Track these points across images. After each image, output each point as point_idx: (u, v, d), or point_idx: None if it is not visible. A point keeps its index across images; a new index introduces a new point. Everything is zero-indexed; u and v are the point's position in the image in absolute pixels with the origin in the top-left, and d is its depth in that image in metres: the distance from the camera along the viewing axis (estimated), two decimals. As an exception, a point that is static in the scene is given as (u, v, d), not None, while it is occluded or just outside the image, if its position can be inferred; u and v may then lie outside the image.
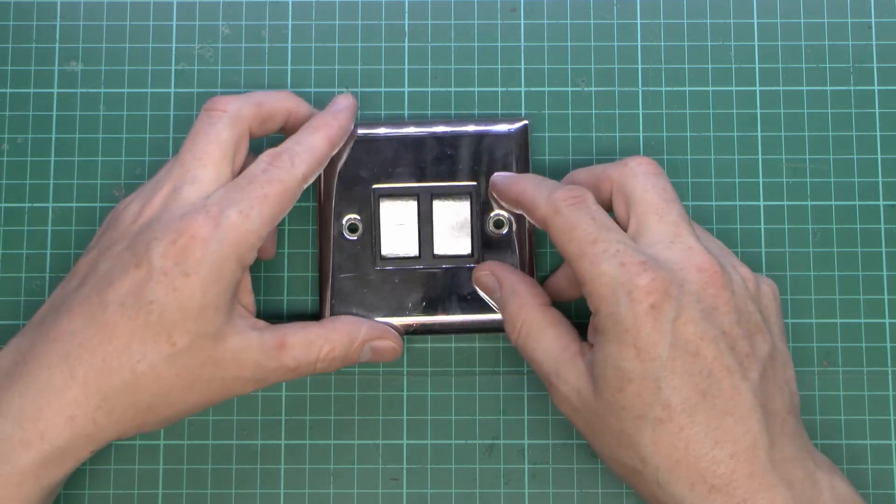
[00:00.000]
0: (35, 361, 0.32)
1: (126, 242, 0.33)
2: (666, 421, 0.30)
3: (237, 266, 0.32)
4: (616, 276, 0.30)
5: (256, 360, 0.33)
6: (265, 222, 0.33)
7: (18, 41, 0.41)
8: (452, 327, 0.38)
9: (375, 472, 0.39)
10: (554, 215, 0.32)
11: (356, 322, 0.36)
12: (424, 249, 0.38)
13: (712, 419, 0.30)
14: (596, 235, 0.31)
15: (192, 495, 0.38)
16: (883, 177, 0.40)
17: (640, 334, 0.30)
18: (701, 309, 0.30)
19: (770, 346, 0.32)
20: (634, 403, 0.30)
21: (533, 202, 0.34)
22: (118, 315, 0.32)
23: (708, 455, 0.30)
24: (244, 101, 0.35)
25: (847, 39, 0.41)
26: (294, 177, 0.34)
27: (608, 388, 0.31)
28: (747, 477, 0.29)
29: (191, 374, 0.32)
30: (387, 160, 0.38)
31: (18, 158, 0.40)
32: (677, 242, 0.32)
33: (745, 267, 0.33)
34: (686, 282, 0.31)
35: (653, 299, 0.30)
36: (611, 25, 0.41)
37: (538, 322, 0.34)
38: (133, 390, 0.32)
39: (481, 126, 0.39)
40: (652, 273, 0.30)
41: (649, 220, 0.32)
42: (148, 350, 0.32)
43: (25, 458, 0.31)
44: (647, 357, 0.30)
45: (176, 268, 0.31)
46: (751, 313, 0.32)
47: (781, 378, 0.32)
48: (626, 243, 0.31)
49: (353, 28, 0.41)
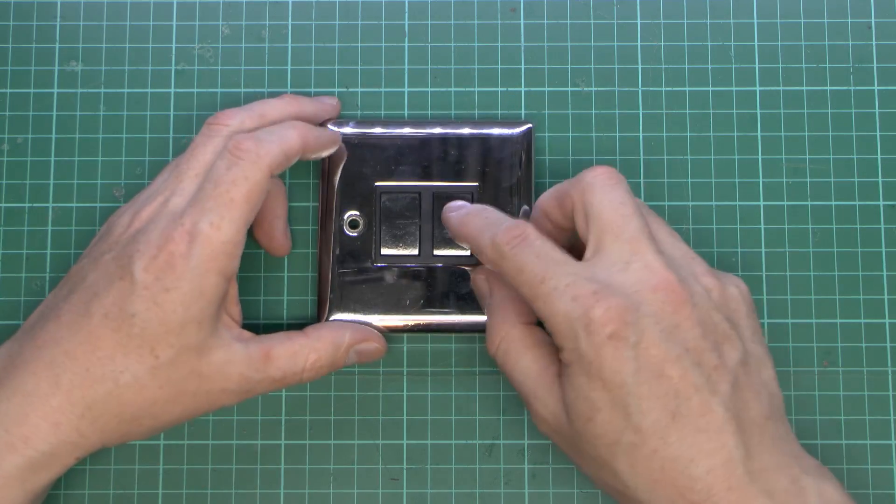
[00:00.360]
0: (22, 367, 0.32)
1: (113, 253, 0.33)
2: (639, 445, 0.30)
3: (219, 279, 0.32)
4: (569, 312, 0.30)
5: (241, 373, 0.33)
6: (238, 228, 0.32)
7: (18, 41, 0.41)
8: (450, 326, 0.38)
9: (375, 472, 0.39)
10: (500, 261, 0.32)
11: (340, 328, 0.36)
12: (424, 248, 0.38)
13: (685, 438, 0.29)
14: (543, 273, 0.31)
15: (192, 495, 0.38)
16: (883, 177, 0.40)
17: (603, 365, 0.29)
18: (661, 329, 0.30)
19: (741, 353, 0.31)
20: (606, 431, 0.30)
21: (479, 248, 0.33)
22: (102, 326, 0.32)
23: (684, 473, 0.29)
24: (246, 115, 0.35)
25: (847, 39, 0.41)
26: (259, 169, 0.33)
27: (579, 418, 0.31)
28: (726, 490, 0.29)
29: (175, 387, 0.32)
30: (390, 159, 0.38)
31: (18, 158, 0.40)
32: (633, 262, 0.31)
33: (708, 275, 0.32)
34: (643, 304, 0.30)
35: (610, 329, 0.29)
36: (611, 25, 0.41)
37: (519, 340, 0.33)
38: (117, 401, 0.32)
39: (485, 128, 0.39)
40: (605, 302, 0.30)
41: (605, 239, 0.32)
42: (131, 362, 0.32)
43: (10, 462, 0.31)
44: (612, 386, 0.29)
45: (157, 283, 0.31)
46: (716, 324, 0.31)
47: (758, 382, 0.31)
48: (577, 274, 0.31)
49: (353, 28, 0.41)
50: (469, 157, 0.38)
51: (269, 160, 0.33)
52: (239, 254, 0.33)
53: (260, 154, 0.33)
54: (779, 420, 0.31)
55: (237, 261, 0.33)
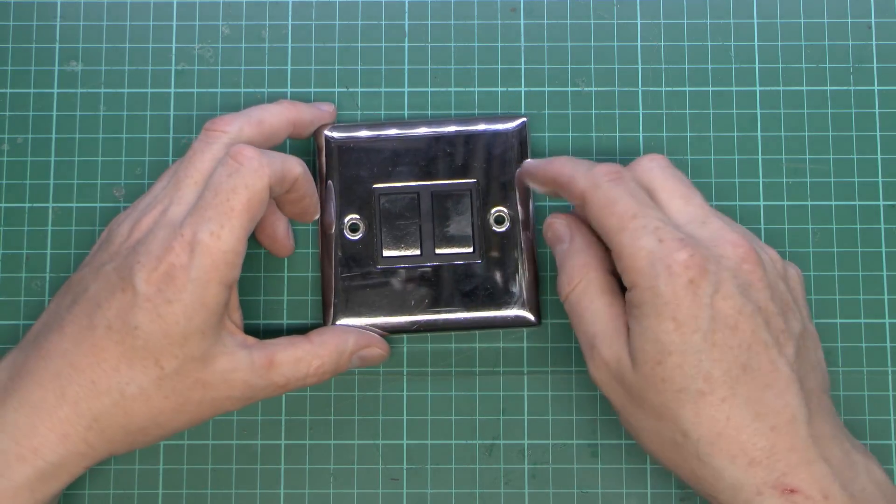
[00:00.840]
0: (29, 377, 0.32)
1: (115, 264, 0.33)
2: (707, 393, 0.30)
3: (220, 289, 0.32)
4: (655, 251, 0.30)
5: (245, 380, 0.33)
6: (239, 237, 0.32)
7: (18, 41, 0.41)
8: (455, 325, 0.38)
9: (375, 472, 0.39)
10: (594, 190, 0.33)
11: (343, 333, 0.36)
12: (426, 248, 0.38)
13: (753, 392, 0.30)
14: (636, 210, 0.31)
15: (192, 495, 0.38)
16: (883, 177, 0.40)
17: (679, 308, 0.30)
18: (737, 284, 0.31)
19: (801, 325, 0.32)
20: (675, 376, 0.30)
21: (572, 178, 0.34)
22: (106, 338, 0.32)
23: (749, 427, 0.30)
24: (244, 121, 0.35)
25: (847, 39, 0.41)
26: (260, 178, 0.32)
27: (647, 361, 0.31)
28: (787, 450, 0.30)
29: (180, 397, 0.32)
30: (387, 160, 0.38)
31: (18, 158, 0.40)
32: (708, 223, 0.32)
33: (772, 249, 0.34)
34: (722, 258, 0.31)
35: (691, 274, 0.30)
36: (611, 25, 0.41)
37: (599, 284, 0.33)
38: (123, 413, 0.32)
39: (480, 124, 0.39)
40: (690, 249, 0.30)
41: (676, 203, 0.33)
42: (136, 373, 0.32)
43: (20, 472, 0.31)
44: (687, 330, 0.30)
45: (159, 294, 0.31)
46: (782, 292, 0.32)
47: (814, 358, 0.32)
48: (665, 220, 0.32)
49: (353, 28, 0.41)
50: (465, 154, 0.38)
51: (269, 171, 0.33)
52: (240, 262, 0.32)
53: (262, 163, 0.33)
54: (830, 399, 0.32)
55: (238, 270, 0.33)
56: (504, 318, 0.38)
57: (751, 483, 0.30)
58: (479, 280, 0.38)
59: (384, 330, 0.38)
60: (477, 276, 0.38)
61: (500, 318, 0.38)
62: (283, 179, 0.34)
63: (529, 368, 0.39)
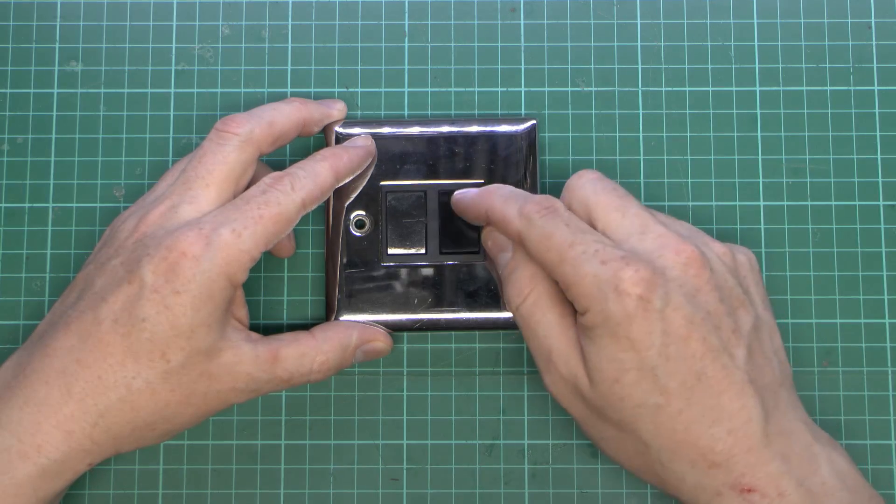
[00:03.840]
0: (34, 375, 0.32)
1: (121, 258, 0.33)
2: (665, 406, 0.30)
3: (227, 285, 0.32)
4: (599, 274, 0.30)
5: (250, 373, 0.33)
6: (258, 243, 0.32)
7: (18, 41, 0.41)
8: (458, 325, 0.38)
9: (375, 472, 0.39)
10: (529, 228, 0.32)
11: (347, 328, 0.37)
12: (431, 247, 0.38)
13: (708, 399, 0.30)
14: (572, 239, 0.31)
15: (192, 495, 0.38)
16: (883, 177, 0.40)
17: (632, 327, 0.30)
18: (685, 293, 0.31)
19: (753, 318, 0.32)
20: (633, 393, 0.30)
21: (504, 217, 0.33)
22: (112, 332, 0.32)
23: (707, 434, 0.30)
24: (256, 123, 0.35)
25: (847, 39, 0.41)
26: (293, 201, 0.33)
27: (605, 380, 0.31)
28: (745, 452, 0.30)
29: (186, 389, 0.32)
30: (395, 158, 0.38)
31: (18, 158, 0.40)
32: (647, 232, 0.32)
33: (717, 242, 0.33)
34: (667, 268, 0.31)
35: (639, 290, 0.30)
36: (611, 25, 0.41)
37: (549, 296, 0.33)
38: (130, 407, 0.32)
39: (490, 126, 0.39)
40: (634, 265, 0.30)
41: (613, 217, 0.33)
42: (142, 367, 0.32)
43: (23, 469, 0.31)
44: (641, 347, 0.30)
45: (167, 285, 0.31)
46: (731, 288, 0.32)
47: (769, 349, 0.32)
48: (603, 241, 0.31)
49: (353, 28, 0.41)
50: (474, 154, 0.38)
51: (303, 195, 0.34)
52: (249, 268, 0.33)
53: (295, 187, 0.34)
54: (789, 388, 0.32)
55: (246, 274, 0.33)
56: (506, 320, 0.38)
57: (711, 485, 0.30)
58: (483, 281, 0.38)
59: (386, 327, 0.38)
60: (480, 277, 0.38)
61: (502, 319, 0.38)
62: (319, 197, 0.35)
63: (529, 368, 0.39)
